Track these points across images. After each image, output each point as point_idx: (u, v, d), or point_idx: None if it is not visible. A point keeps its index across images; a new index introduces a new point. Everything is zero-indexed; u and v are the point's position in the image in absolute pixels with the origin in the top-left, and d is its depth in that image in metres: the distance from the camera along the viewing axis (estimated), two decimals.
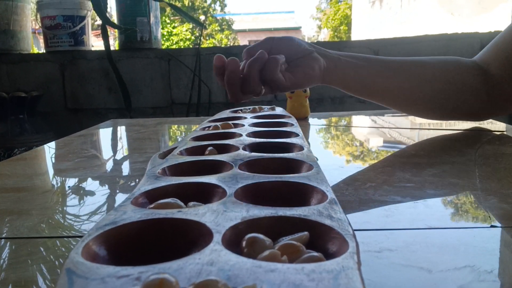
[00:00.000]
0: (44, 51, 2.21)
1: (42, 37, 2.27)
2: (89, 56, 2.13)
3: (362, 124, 0.93)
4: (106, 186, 0.48)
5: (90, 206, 0.42)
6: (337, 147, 0.72)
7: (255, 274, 0.19)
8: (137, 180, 0.49)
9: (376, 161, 0.59)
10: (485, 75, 0.66)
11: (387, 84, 0.67)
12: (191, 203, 0.31)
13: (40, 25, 2.20)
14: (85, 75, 2.12)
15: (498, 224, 0.32)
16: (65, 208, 0.41)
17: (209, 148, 0.46)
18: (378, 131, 0.80)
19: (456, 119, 0.76)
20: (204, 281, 0.17)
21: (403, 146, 0.67)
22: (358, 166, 0.55)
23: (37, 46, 3.58)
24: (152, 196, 0.33)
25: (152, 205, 0.30)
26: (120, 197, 0.44)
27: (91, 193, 0.46)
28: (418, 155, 0.57)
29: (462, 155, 0.54)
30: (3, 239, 0.33)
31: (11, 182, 0.49)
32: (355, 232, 0.32)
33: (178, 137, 0.85)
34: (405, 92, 0.68)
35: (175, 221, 0.26)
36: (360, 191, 0.41)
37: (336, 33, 12.97)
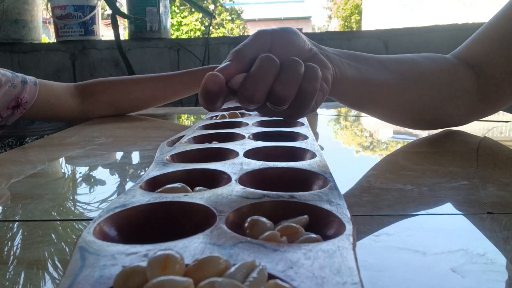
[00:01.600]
0: (55, 41, 2.23)
1: (52, 26, 2.29)
2: (99, 45, 2.15)
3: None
4: (116, 172, 0.50)
5: (101, 192, 0.43)
6: (343, 137, 0.73)
7: (255, 252, 0.20)
8: (146, 168, 0.51)
9: (381, 150, 0.60)
10: (475, 74, 0.59)
11: (396, 97, 0.57)
12: (197, 188, 0.33)
13: (50, 14, 2.22)
14: (96, 64, 2.14)
15: (495, 211, 0.33)
16: (76, 193, 0.43)
17: (214, 142, 0.47)
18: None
19: (442, 127, 0.65)
20: (207, 257, 0.19)
21: (411, 137, 0.68)
22: (361, 155, 0.56)
23: (47, 35, 3.60)
24: (160, 181, 0.34)
25: (160, 189, 0.31)
26: (130, 183, 0.46)
27: (102, 180, 0.47)
28: (421, 145, 0.58)
29: (466, 145, 0.55)
30: (17, 222, 0.34)
31: (25, 169, 0.50)
32: (356, 217, 0.33)
33: (186, 126, 0.86)
34: (412, 106, 0.58)
35: (181, 204, 0.28)
36: (361, 179, 0.42)
37: (346, 23, 12.88)
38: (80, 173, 0.50)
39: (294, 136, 0.50)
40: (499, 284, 0.23)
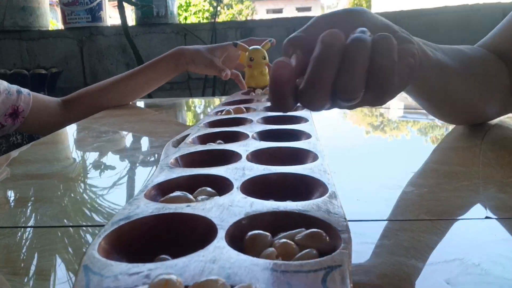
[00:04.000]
0: (62, 28, 2.23)
1: (60, 9, 2.29)
2: (106, 32, 2.15)
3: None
4: (124, 171, 0.51)
5: (108, 192, 0.44)
6: (345, 130, 0.73)
7: (253, 272, 0.21)
8: (153, 168, 0.51)
9: (382, 143, 0.60)
10: (506, 65, 0.56)
11: (462, 86, 0.53)
12: (200, 189, 0.34)
13: (57, 0, 2.22)
14: (103, 51, 2.15)
15: (493, 216, 0.33)
16: (85, 196, 0.44)
17: (218, 141, 0.48)
18: (386, 120, 0.81)
19: (475, 121, 0.62)
20: (204, 280, 0.20)
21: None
22: (363, 151, 0.57)
23: (55, 18, 3.59)
24: (164, 188, 0.35)
25: (163, 198, 0.32)
26: (137, 181, 0.47)
27: (110, 179, 0.48)
28: (425, 141, 0.58)
29: (469, 140, 0.55)
30: (27, 228, 0.36)
31: (34, 169, 0.52)
32: (353, 222, 0.33)
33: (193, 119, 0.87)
34: (468, 97, 0.54)
35: (184, 216, 0.29)
36: (362, 179, 0.42)
37: (356, 2, 12.70)
38: (88, 173, 0.51)
39: (298, 135, 0.50)
40: None
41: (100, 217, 0.38)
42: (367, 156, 0.52)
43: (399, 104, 0.79)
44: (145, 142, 0.64)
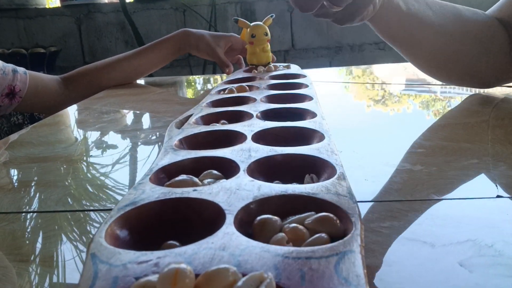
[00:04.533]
0: (60, 5, 2.20)
1: None
2: (104, 9, 2.12)
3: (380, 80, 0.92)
4: (127, 153, 0.50)
5: (113, 175, 0.44)
6: (350, 107, 0.72)
7: (264, 259, 0.21)
8: (156, 150, 0.51)
9: (386, 119, 0.59)
10: (508, 33, 0.59)
11: (436, 39, 0.59)
12: (206, 172, 0.33)
13: None
14: (102, 28, 2.12)
15: (505, 194, 0.33)
16: (89, 178, 0.43)
17: (222, 121, 0.47)
18: (392, 96, 0.80)
19: (468, 84, 0.67)
20: (215, 269, 0.19)
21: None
22: (367, 127, 0.56)
23: None
24: (169, 171, 0.35)
25: (168, 182, 0.32)
26: (140, 164, 0.46)
27: (113, 160, 0.48)
28: (432, 118, 0.57)
29: (477, 115, 0.54)
30: (32, 213, 0.35)
31: (36, 151, 0.51)
32: (362, 203, 0.33)
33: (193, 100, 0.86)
34: (449, 53, 0.60)
35: (191, 200, 0.28)
36: (370, 158, 0.42)
37: None
38: (91, 155, 0.50)
39: (303, 113, 0.49)
40: (506, 280, 0.23)
41: (106, 200, 0.38)
42: (372, 133, 0.52)
43: (400, 78, 0.78)
44: (147, 122, 0.64)
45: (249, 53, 0.83)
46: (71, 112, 0.74)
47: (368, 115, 0.63)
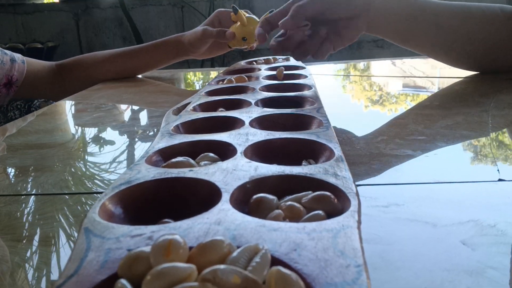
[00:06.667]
0: (57, 0, 2.19)
1: None
2: (102, 5, 2.11)
3: (378, 73, 0.92)
4: (124, 141, 0.50)
5: (109, 161, 0.43)
6: (350, 97, 0.72)
7: (259, 233, 0.20)
8: (153, 136, 0.50)
9: (388, 111, 0.59)
10: None
11: (436, 42, 0.66)
12: (202, 155, 0.33)
13: None
14: (99, 24, 2.11)
15: (506, 178, 0.32)
16: (85, 163, 0.43)
17: (220, 109, 0.47)
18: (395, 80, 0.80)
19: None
20: (210, 241, 0.19)
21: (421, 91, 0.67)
22: (370, 117, 0.55)
23: None
24: (165, 154, 0.34)
25: (165, 164, 0.31)
26: (137, 151, 0.46)
27: (110, 148, 0.47)
28: (432, 106, 0.57)
29: (477, 105, 0.53)
30: (28, 195, 0.35)
31: (34, 139, 0.51)
32: (364, 187, 0.33)
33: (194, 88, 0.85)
34: (455, 51, 0.66)
35: (186, 180, 0.28)
36: (371, 145, 0.41)
37: None
38: (89, 142, 0.50)
39: (302, 102, 0.49)
40: (510, 257, 0.23)
41: (102, 184, 0.37)
42: (372, 120, 0.51)
43: (397, 80, 0.78)
44: (145, 112, 0.63)
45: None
46: (68, 102, 0.73)
47: (368, 105, 0.63)
